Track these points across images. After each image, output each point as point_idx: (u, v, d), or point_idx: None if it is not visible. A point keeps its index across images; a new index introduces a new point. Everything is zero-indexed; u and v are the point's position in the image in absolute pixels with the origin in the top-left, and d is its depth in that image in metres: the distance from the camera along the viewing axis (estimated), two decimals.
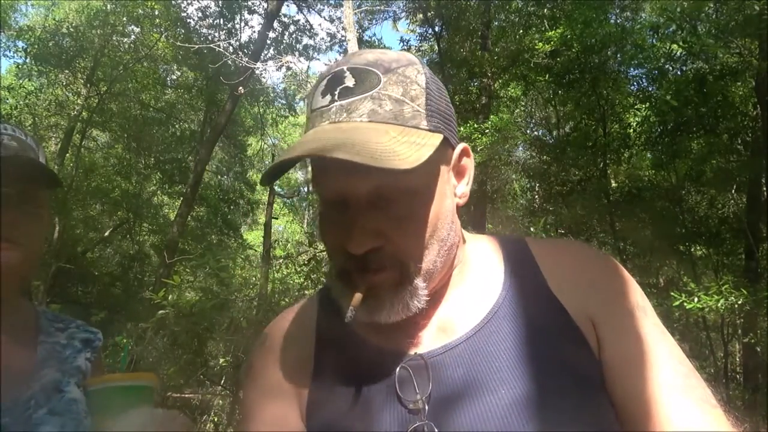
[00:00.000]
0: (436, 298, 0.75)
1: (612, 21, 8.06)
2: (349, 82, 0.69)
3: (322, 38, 14.06)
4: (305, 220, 21.89)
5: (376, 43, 13.47)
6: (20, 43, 12.61)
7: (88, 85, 12.81)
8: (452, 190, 0.75)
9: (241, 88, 9.51)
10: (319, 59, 23.88)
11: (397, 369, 0.71)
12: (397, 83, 0.69)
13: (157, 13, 12.65)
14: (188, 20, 13.62)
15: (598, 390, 0.69)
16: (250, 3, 13.21)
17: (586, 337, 0.71)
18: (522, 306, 0.74)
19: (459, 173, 0.76)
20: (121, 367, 0.92)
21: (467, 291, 0.77)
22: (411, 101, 0.69)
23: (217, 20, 13.16)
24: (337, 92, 0.69)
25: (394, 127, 0.67)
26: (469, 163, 0.77)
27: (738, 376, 8.19)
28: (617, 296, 0.75)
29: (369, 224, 0.67)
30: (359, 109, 0.67)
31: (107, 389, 0.82)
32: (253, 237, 19.18)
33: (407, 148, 0.64)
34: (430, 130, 0.69)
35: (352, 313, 0.67)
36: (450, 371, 0.70)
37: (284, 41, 13.52)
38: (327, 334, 0.79)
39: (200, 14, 13.41)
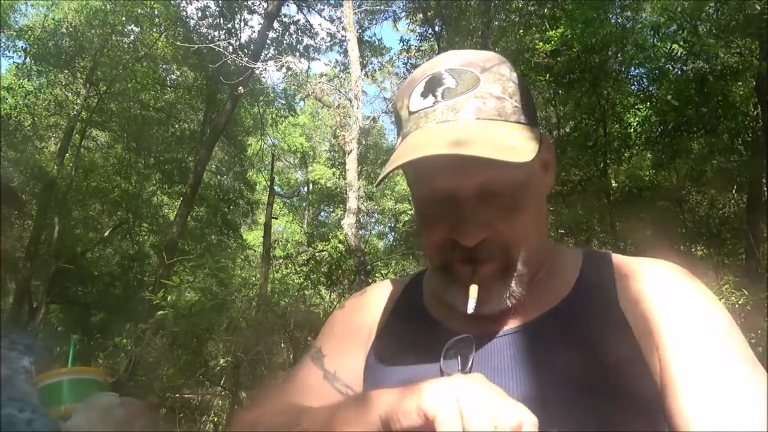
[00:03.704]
0: None
1: (612, 21, 8.04)
2: (450, 83, 0.71)
3: (322, 38, 14.02)
4: (305, 220, 21.90)
5: (377, 44, 13.47)
6: (20, 43, 12.63)
7: (88, 85, 12.81)
8: (543, 181, 0.78)
9: (241, 88, 9.50)
10: (319, 59, 23.84)
11: (446, 345, 0.73)
12: (494, 81, 0.71)
13: (156, 12, 12.66)
14: (188, 20, 13.62)
15: (647, 410, 0.66)
16: (250, 3, 13.21)
17: (647, 358, 0.68)
18: (583, 313, 0.74)
19: (544, 164, 0.78)
20: (70, 362, 0.98)
21: (536, 286, 0.77)
22: (510, 98, 0.71)
23: (217, 20, 13.15)
24: (439, 93, 0.71)
25: (500, 123, 0.69)
26: (551, 154, 0.80)
27: None
28: (688, 322, 0.69)
29: (479, 217, 0.70)
30: (465, 108, 0.69)
31: (57, 383, 0.88)
32: (253, 237, 19.19)
33: (519, 142, 0.67)
34: (528, 125, 0.72)
35: (474, 304, 0.70)
36: (494, 357, 0.72)
37: (284, 41, 13.52)
38: (400, 311, 0.85)
39: (200, 14, 13.40)
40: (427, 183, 0.72)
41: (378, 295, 0.90)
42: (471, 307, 0.69)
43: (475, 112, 0.69)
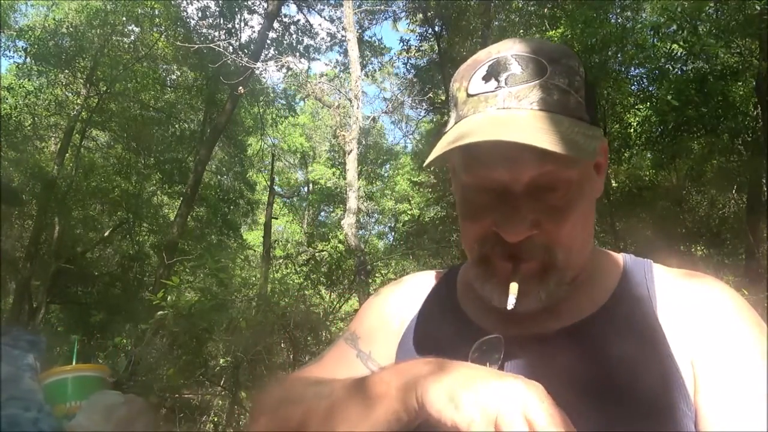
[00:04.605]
0: None
1: (612, 21, 8.04)
2: (516, 69, 0.67)
3: (322, 38, 14.01)
4: (305, 220, 21.90)
5: (377, 44, 13.47)
6: (20, 43, 12.62)
7: (88, 85, 12.80)
8: (595, 185, 0.75)
9: (241, 88, 9.50)
10: (319, 59, 23.85)
11: (475, 344, 0.71)
12: (562, 73, 0.68)
13: (156, 12, 12.65)
14: (188, 20, 13.62)
15: (677, 424, 0.64)
16: (250, 3, 13.21)
17: (683, 374, 0.66)
18: (619, 324, 0.71)
19: (597, 167, 0.75)
20: (74, 360, 0.98)
21: (574, 290, 0.74)
22: (575, 92, 0.68)
23: (217, 20, 13.15)
24: (503, 78, 0.67)
25: (563, 117, 0.66)
26: (605, 158, 0.77)
27: None
28: (727, 340, 0.67)
29: (527, 213, 0.67)
30: (529, 97, 0.66)
31: (62, 380, 0.88)
32: (253, 237, 19.18)
33: (582, 138, 0.64)
34: (590, 123, 0.69)
35: (513, 300, 0.67)
36: (524, 361, 0.70)
37: (284, 41, 13.51)
38: (433, 305, 0.84)
39: (200, 14, 13.41)
40: (478, 170, 0.68)
41: (414, 287, 0.89)
42: (511, 303, 0.67)
43: (539, 102, 0.66)
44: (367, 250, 9.42)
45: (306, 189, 22.87)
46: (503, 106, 0.66)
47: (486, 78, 0.68)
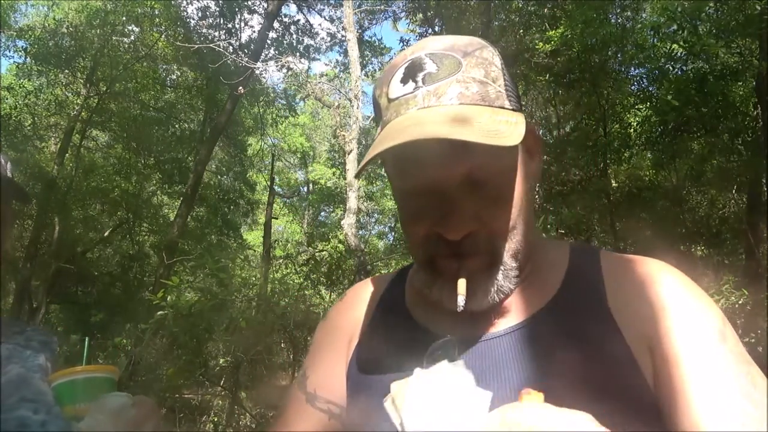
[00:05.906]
0: None
1: (612, 21, 8.04)
2: (431, 67, 0.68)
3: (322, 38, 14.02)
4: (305, 220, 21.90)
5: (377, 44, 13.47)
6: (20, 43, 12.63)
7: (88, 85, 12.80)
8: (530, 169, 0.75)
9: (241, 88, 9.50)
10: (319, 59, 23.90)
11: (429, 349, 0.70)
12: (477, 65, 0.69)
13: (156, 12, 12.65)
14: (188, 20, 13.62)
15: (638, 411, 0.64)
16: (250, 3, 13.21)
17: (638, 361, 0.66)
18: (570, 315, 0.71)
19: (529, 151, 0.75)
20: (84, 360, 0.98)
21: (521, 283, 0.74)
22: (493, 82, 0.69)
23: (217, 20, 13.16)
24: (420, 78, 0.68)
25: (484, 108, 0.66)
26: (536, 141, 0.76)
27: None
28: (681, 321, 0.67)
29: (465, 209, 0.67)
30: (447, 93, 0.66)
31: (71, 381, 0.88)
32: (253, 237, 19.18)
33: (505, 126, 0.64)
34: (513, 110, 0.69)
35: (463, 300, 0.67)
36: (480, 362, 0.70)
37: (284, 41, 13.52)
38: (381, 314, 0.82)
39: (200, 14, 13.41)
40: (409, 173, 0.69)
41: (358, 299, 0.87)
42: (461, 303, 0.66)
43: (458, 97, 0.66)
44: (367, 250, 9.42)
45: (306, 189, 22.88)
46: (423, 105, 0.66)
47: (404, 80, 0.69)
